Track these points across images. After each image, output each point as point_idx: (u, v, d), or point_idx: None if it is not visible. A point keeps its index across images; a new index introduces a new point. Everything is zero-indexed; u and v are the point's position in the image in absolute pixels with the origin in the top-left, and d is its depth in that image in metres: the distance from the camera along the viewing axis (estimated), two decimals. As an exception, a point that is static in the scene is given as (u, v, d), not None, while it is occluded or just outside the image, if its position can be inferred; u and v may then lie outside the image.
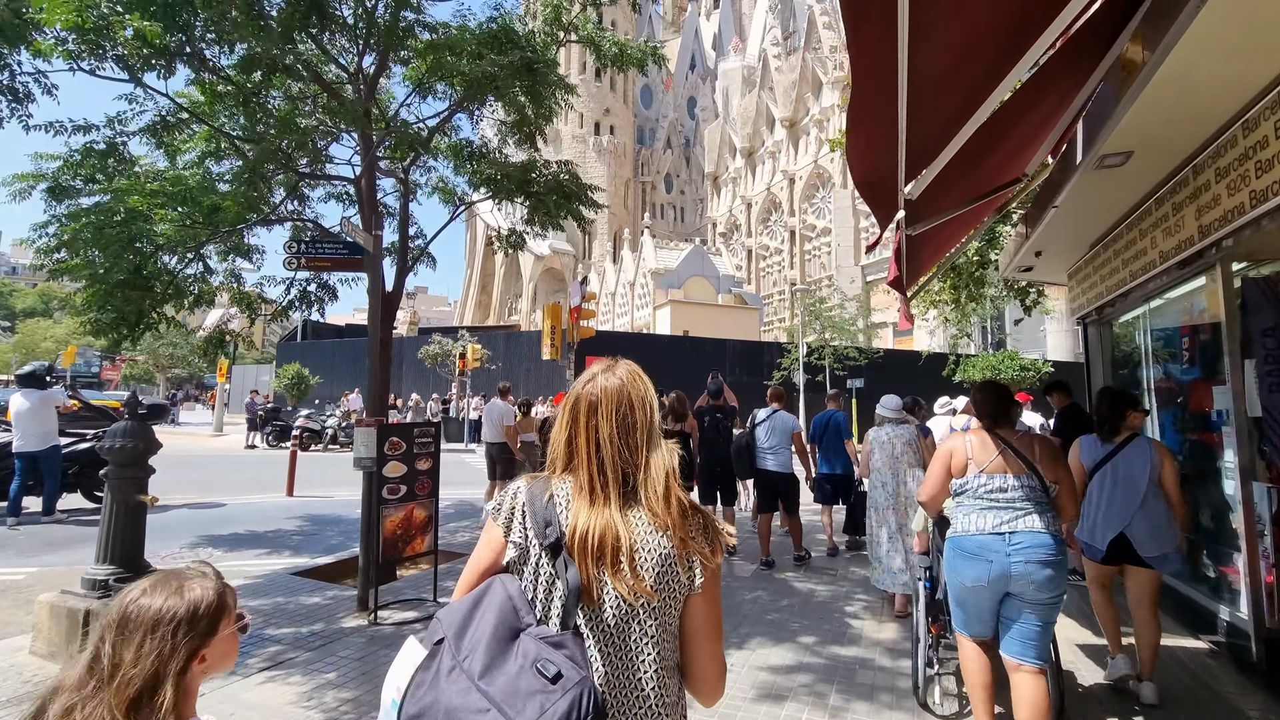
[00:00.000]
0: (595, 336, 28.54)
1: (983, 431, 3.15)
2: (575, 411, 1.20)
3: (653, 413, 1.21)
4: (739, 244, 61.18)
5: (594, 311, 9.15)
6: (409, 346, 26.51)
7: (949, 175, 3.23)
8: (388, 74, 7.94)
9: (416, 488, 5.18)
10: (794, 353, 24.93)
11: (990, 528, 2.90)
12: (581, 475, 1.16)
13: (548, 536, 1.11)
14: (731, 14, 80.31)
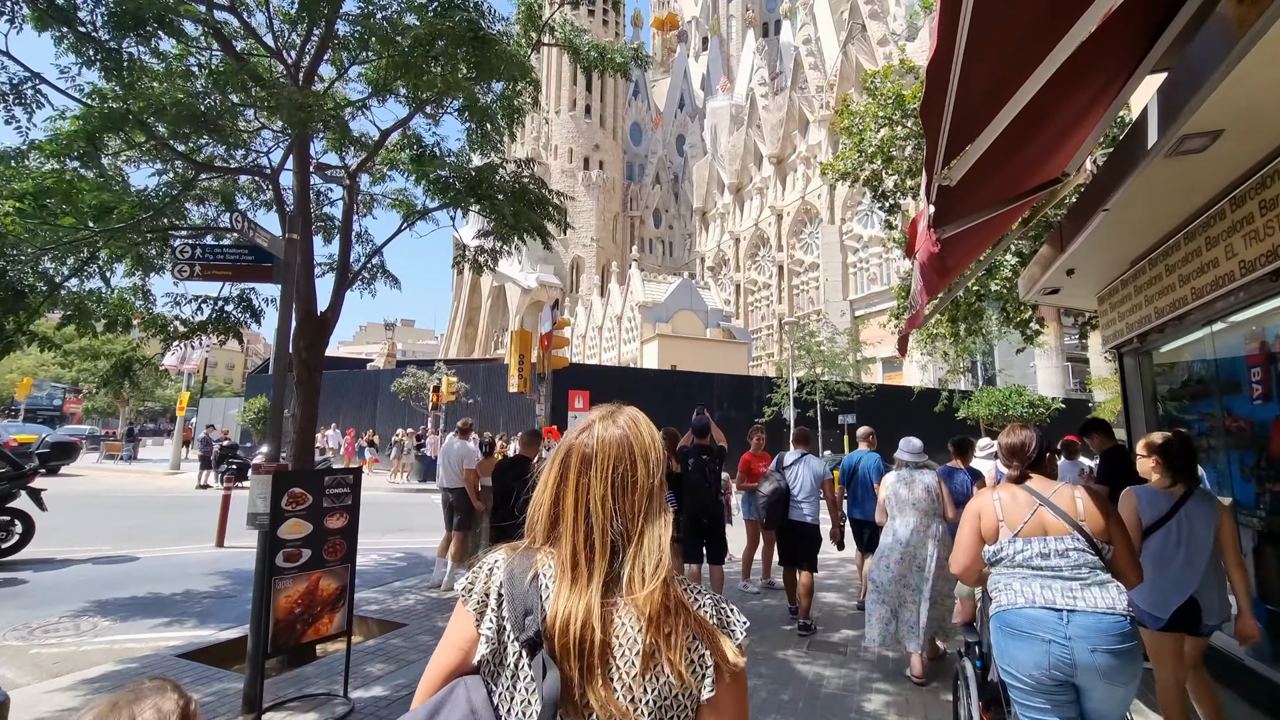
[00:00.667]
0: (577, 370, 27.58)
1: (1012, 485, 2.67)
2: (565, 466, 1.03)
3: (657, 472, 1.03)
4: (727, 278, 60.98)
5: (567, 340, 8.24)
6: (385, 379, 25.41)
7: (980, 169, 2.51)
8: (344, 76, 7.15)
9: (325, 551, 4.15)
10: (784, 387, 24.10)
11: (1042, 600, 2.40)
12: (565, 546, 0.99)
13: (526, 629, 0.93)
14: (719, 56, 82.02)
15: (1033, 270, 5.64)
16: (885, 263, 44.96)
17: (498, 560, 1.03)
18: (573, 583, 0.95)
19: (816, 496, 6.06)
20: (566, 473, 1.02)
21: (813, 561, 5.93)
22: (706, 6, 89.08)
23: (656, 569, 0.96)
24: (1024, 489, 2.60)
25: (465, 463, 6.82)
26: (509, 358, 8.13)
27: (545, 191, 6.70)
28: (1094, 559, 2.43)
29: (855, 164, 14.64)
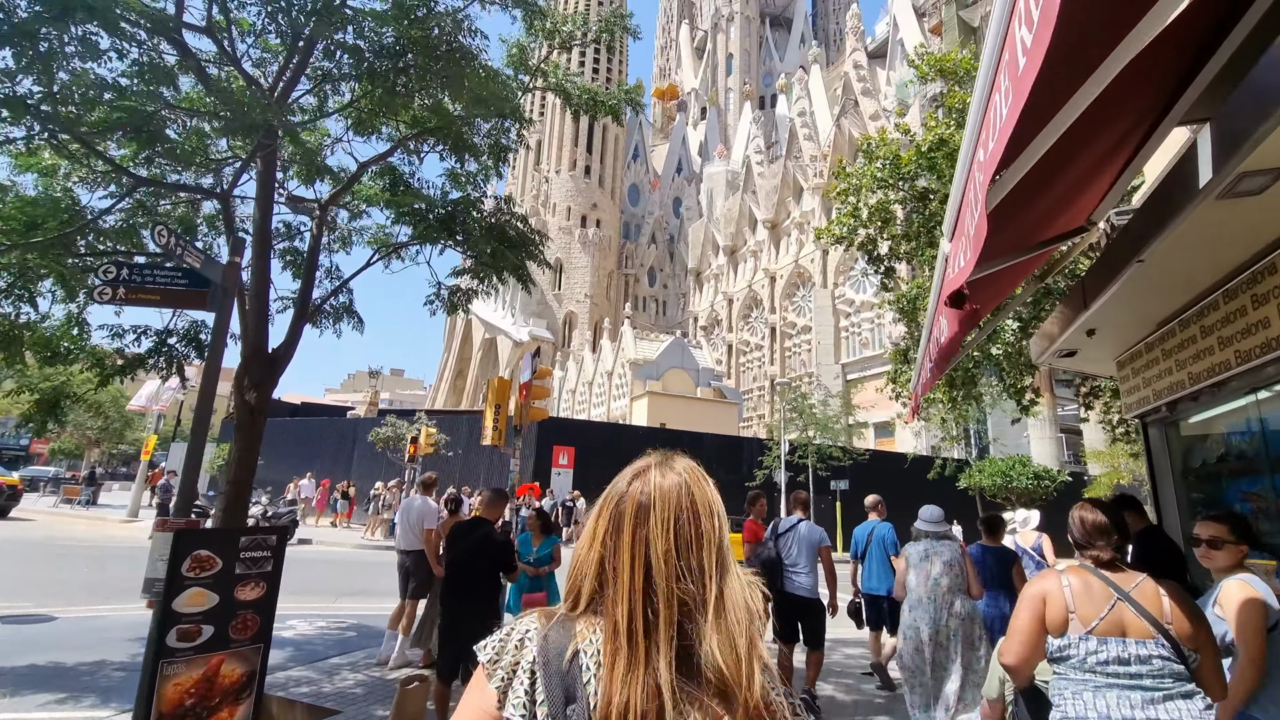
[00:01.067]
0: (563, 425, 26.89)
1: (1084, 571, 2.29)
2: (617, 518, 0.91)
3: (724, 526, 0.93)
4: (720, 338, 61.05)
5: (548, 391, 7.72)
6: (365, 428, 24.58)
7: (1001, 214, 2.14)
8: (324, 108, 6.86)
9: (232, 628, 3.48)
10: (775, 450, 23.44)
11: (1119, 715, 2.08)
12: (619, 611, 0.84)
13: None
14: (717, 125, 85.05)
15: (1049, 330, 5.23)
16: (877, 327, 45.13)
17: (529, 630, 0.89)
18: (630, 659, 0.81)
19: (813, 566, 5.48)
20: (620, 524, 0.91)
21: (818, 636, 5.38)
22: (706, 79, 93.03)
23: (749, 637, 0.84)
24: (1099, 577, 2.25)
25: (426, 522, 6.15)
26: (485, 408, 7.58)
27: (526, 230, 6.31)
28: (1179, 668, 2.11)
29: (850, 229, 14.55)
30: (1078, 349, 5.30)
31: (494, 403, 7.37)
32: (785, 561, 5.43)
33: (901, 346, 15.35)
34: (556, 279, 66.69)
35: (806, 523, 5.58)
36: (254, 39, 6.06)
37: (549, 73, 8.40)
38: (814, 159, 53.35)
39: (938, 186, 11.98)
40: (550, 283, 66.27)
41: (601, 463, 22.65)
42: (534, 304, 64.12)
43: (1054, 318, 5.09)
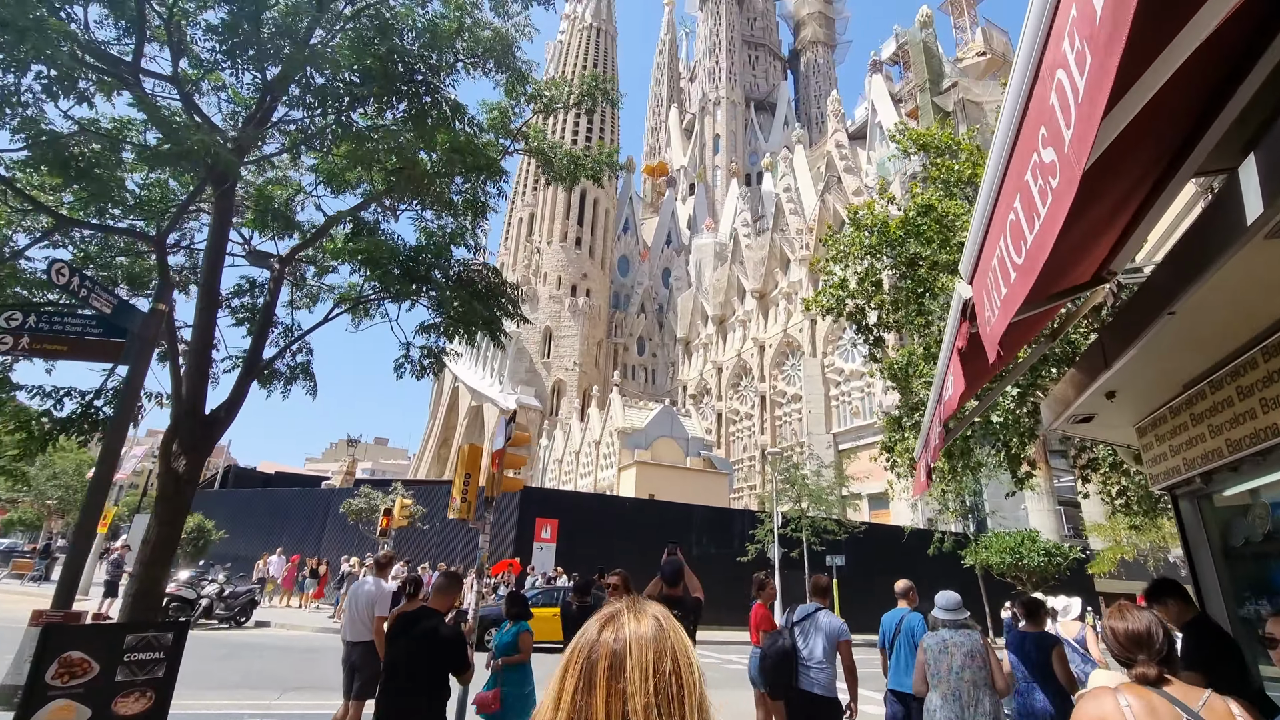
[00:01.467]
0: (548, 496, 25.89)
1: (1143, 689, 2.00)
2: (589, 672, 0.83)
3: (703, 678, 0.88)
4: (709, 407, 60.58)
5: (523, 459, 7.15)
6: (338, 500, 23.49)
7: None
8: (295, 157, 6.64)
9: (103, 753, 2.81)
10: (767, 523, 22.54)
11: None
12: None
13: None
14: (705, 200, 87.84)
15: (1062, 394, 4.82)
16: (867, 396, 44.94)
17: None
18: None
19: (832, 661, 4.87)
20: (593, 678, 0.82)
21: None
22: (694, 158, 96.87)
23: None
24: (1162, 696, 1.97)
25: (377, 608, 5.44)
26: (454, 477, 6.98)
27: (499, 283, 5.95)
28: None
29: (838, 299, 14.41)
30: (1095, 414, 4.89)
31: (464, 471, 6.78)
32: (801, 654, 4.82)
33: (894, 414, 14.94)
34: (545, 347, 66.72)
35: (826, 612, 4.97)
36: (225, 93, 5.88)
37: (530, 135, 8.33)
38: (800, 232, 54.72)
39: (928, 252, 11.91)
40: (539, 350, 66.26)
41: (587, 536, 21.47)
42: (522, 371, 63.77)
43: (1068, 380, 4.69)
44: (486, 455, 7.52)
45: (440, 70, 6.70)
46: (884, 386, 43.21)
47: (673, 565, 5.00)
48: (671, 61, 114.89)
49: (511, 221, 78.65)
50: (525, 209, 76.12)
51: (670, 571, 4.96)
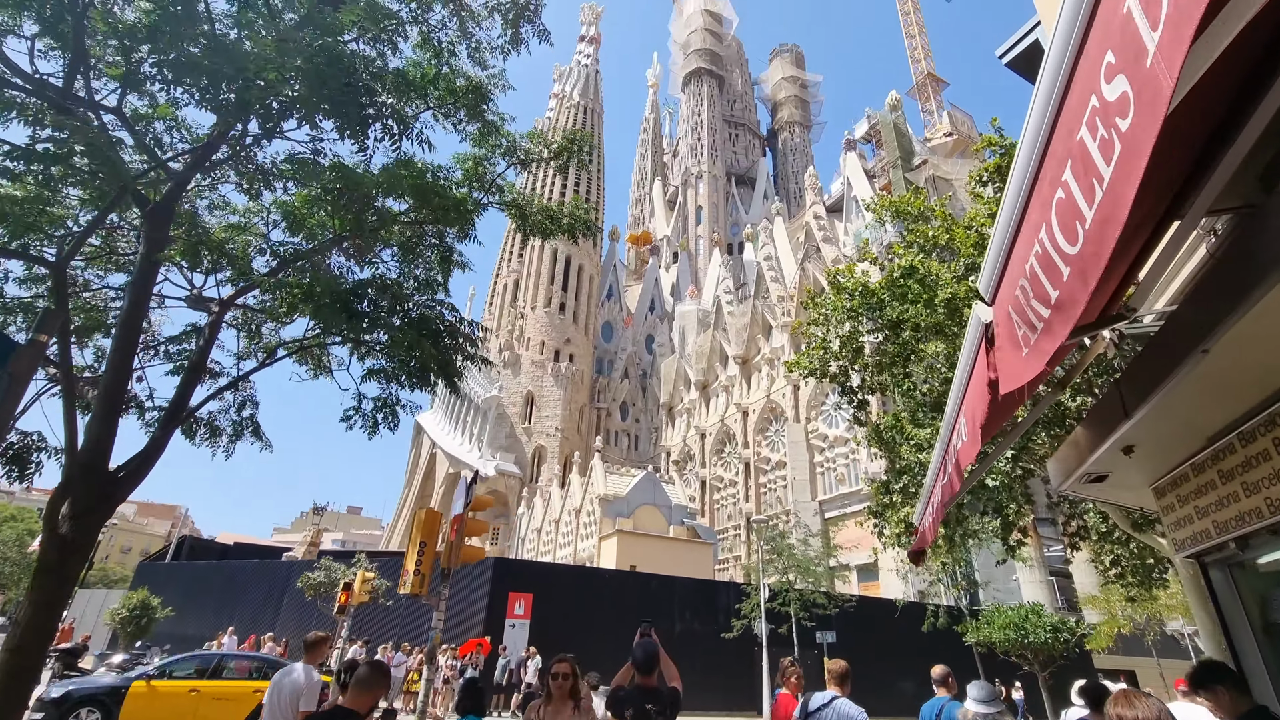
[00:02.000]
0: (524, 569, 24.54)
1: None
2: None
3: None
4: (693, 474, 59.46)
5: (485, 525, 6.51)
6: (298, 573, 22.04)
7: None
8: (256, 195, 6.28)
9: None
10: (754, 596, 21.44)
11: None
12: None
13: None
14: (688, 268, 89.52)
15: (1074, 449, 4.39)
16: (852, 463, 44.38)
17: None
18: None
19: None
20: None
21: None
22: (677, 228, 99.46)
23: None
24: None
25: (302, 701, 4.66)
26: (408, 546, 6.27)
27: (455, 319, 5.51)
28: None
29: (821, 360, 14.14)
30: (1109, 472, 4.46)
31: (419, 539, 6.09)
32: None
33: (883, 478, 14.40)
34: (527, 412, 65.78)
35: (845, 700, 4.38)
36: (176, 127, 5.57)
37: (505, 189, 8.12)
38: (781, 299, 55.54)
39: (911, 313, 11.75)
40: (520, 416, 65.25)
41: (564, 612, 20.16)
42: (502, 437, 62.50)
43: (1080, 435, 4.28)
44: (448, 522, 6.87)
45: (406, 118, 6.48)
46: (869, 453, 42.80)
47: (647, 650, 4.31)
48: (655, 138, 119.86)
49: (496, 287, 79.20)
50: (510, 275, 76.82)
51: (644, 657, 4.28)
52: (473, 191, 7.64)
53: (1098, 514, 12.68)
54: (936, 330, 11.51)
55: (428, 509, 6.53)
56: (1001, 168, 10.03)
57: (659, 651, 4.44)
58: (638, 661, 4.34)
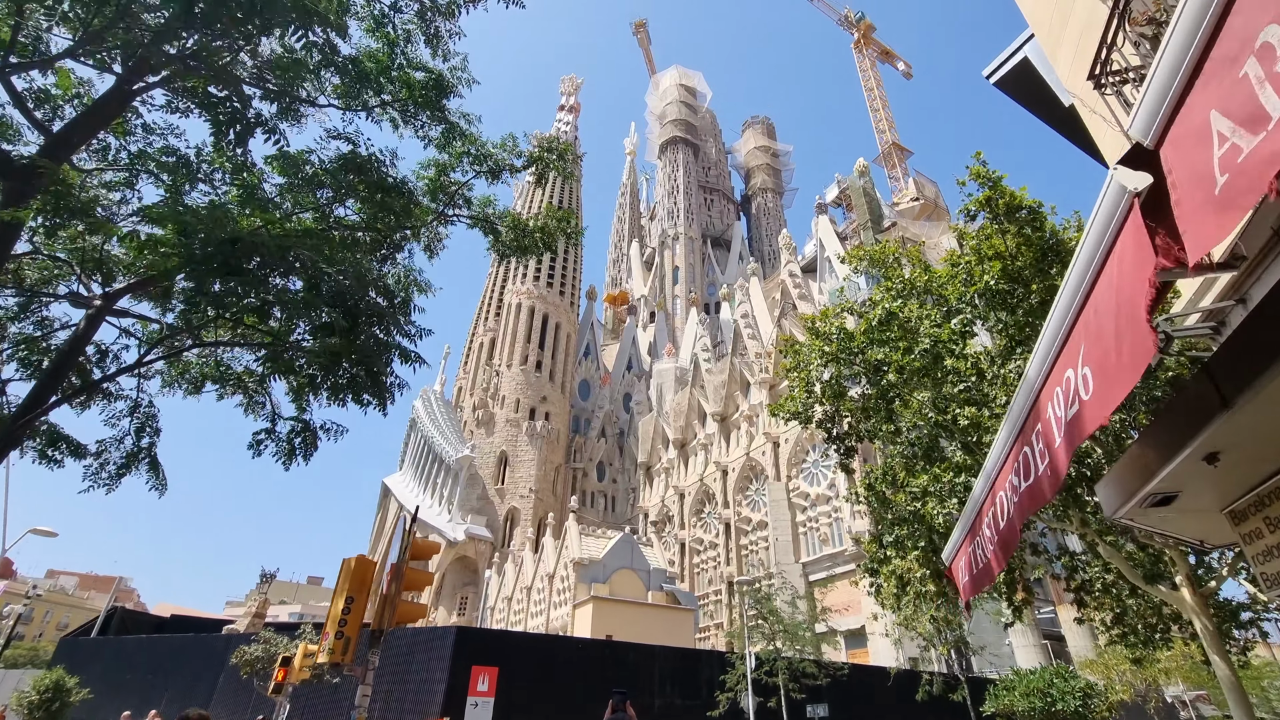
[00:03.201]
0: (491, 639, 22.61)
1: None
2: None
3: None
4: (671, 536, 57.42)
5: (428, 577, 5.47)
6: (236, 647, 19.92)
7: None
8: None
9: None
10: (739, 667, 19.87)
11: None
12: None
13: None
14: (665, 327, 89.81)
15: (1140, 463, 3.61)
16: (835, 522, 43.19)
17: None
18: None
19: None
20: None
21: None
22: (654, 288, 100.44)
23: None
24: None
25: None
26: (331, 605, 5.17)
27: (386, 306, 4.64)
28: None
29: (805, 404, 13.40)
30: (1180, 490, 3.69)
31: (345, 593, 5.00)
32: None
33: (875, 531, 13.45)
34: (500, 472, 63.64)
35: None
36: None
37: (472, 201, 7.44)
38: (759, 356, 55.44)
39: (895, 357, 11.17)
40: (493, 476, 63.06)
41: (534, 687, 18.35)
42: (474, 499, 60.10)
43: (1149, 440, 3.52)
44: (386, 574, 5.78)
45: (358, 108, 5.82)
46: (852, 511, 41.71)
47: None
48: (633, 202, 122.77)
49: (472, 346, 78.23)
50: (487, 333, 76.08)
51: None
52: (438, 203, 6.95)
53: (1101, 565, 11.85)
54: (922, 373, 10.93)
55: (358, 556, 5.42)
56: (991, 199, 9.71)
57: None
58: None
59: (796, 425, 52.12)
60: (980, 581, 3.58)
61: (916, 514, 11.09)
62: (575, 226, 8.53)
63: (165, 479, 5.04)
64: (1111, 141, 5.72)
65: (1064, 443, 2.35)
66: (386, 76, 5.83)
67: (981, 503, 3.43)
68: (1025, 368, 2.75)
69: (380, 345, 4.54)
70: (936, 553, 10.83)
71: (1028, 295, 9.66)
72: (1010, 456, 2.98)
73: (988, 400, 9.64)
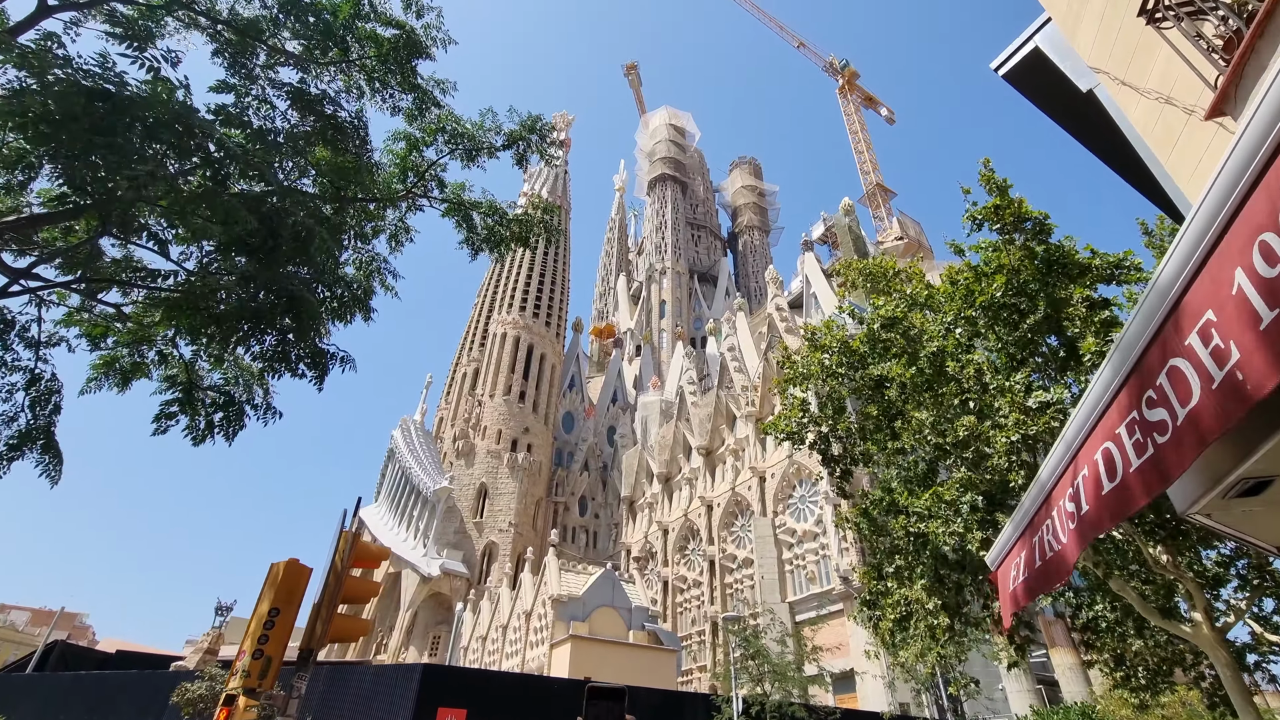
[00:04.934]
0: (460, 679, 21.19)
1: None
2: None
3: None
4: (654, 574, 55.77)
5: (374, 587, 4.65)
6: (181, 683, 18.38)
7: None
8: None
9: None
10: (726, 710, 18.68)
11: None
12: None
13: None
14: (651, 360, 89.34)
15: (1235, 434, 2.99)
16: (823, 560, 42.11)
17: None
18: None
19: None
20: None
21: None
22: (640, 321, 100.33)
23: None
24: None
25: None
26: (253, 615, 4.32)
27: (359, 293, 3.97)
28: None
29: (799, 424, 12.76)
30: (1277, 474, 3.08)
31: (269, 604, 4.16)
32: None
33: (874, 561, 12.74)
34: (479, 505, 61.84)
35: None
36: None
37: (446, 186, 6.84)
38: (745, 389, 54.94)
39: (897, 370, 10.63)
40: (472, 509, 61.23)
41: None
42: (450, 533, 58.14)
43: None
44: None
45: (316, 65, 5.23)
46: (839, 548, 40.71)
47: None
48: (621, 237, 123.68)
49: (455, 376, 77.02)
50: (470, 364, 75.02)
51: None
52: (407, 183, 6.35)
53: (1106, 603, 11.16)
54: (925, 387, 10.38)
55: (289, 560, 4.56)
56: (1000, 206, 9.34)
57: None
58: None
59: (783, 460, 51.29)
60: (1042, 579, 2.90)
61: (919, 537, 10.39)
62: (558, 224, 7.88)
63: (61, 465, 4.24)
64: (1145, 110, 5.20)
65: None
66: (351, 31, 5.27)
67: (1056, 480, 2.80)
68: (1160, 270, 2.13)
69: (308, 295, 3.86)
70: (943, 582, 10.08)
71: (1033, 309, 9.22)
72: (1118, 403, 2.35)
73: (992, 412, 9.06)
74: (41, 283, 3.93)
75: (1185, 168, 4.93)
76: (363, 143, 5.27)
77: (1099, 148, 7.91)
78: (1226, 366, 1.94)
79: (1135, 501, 2.37)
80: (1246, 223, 1.67)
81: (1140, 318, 2.23)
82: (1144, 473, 2.27)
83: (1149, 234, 10.83)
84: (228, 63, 5.08)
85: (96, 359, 5.35)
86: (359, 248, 6.34)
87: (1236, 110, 3.68)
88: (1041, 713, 15.72)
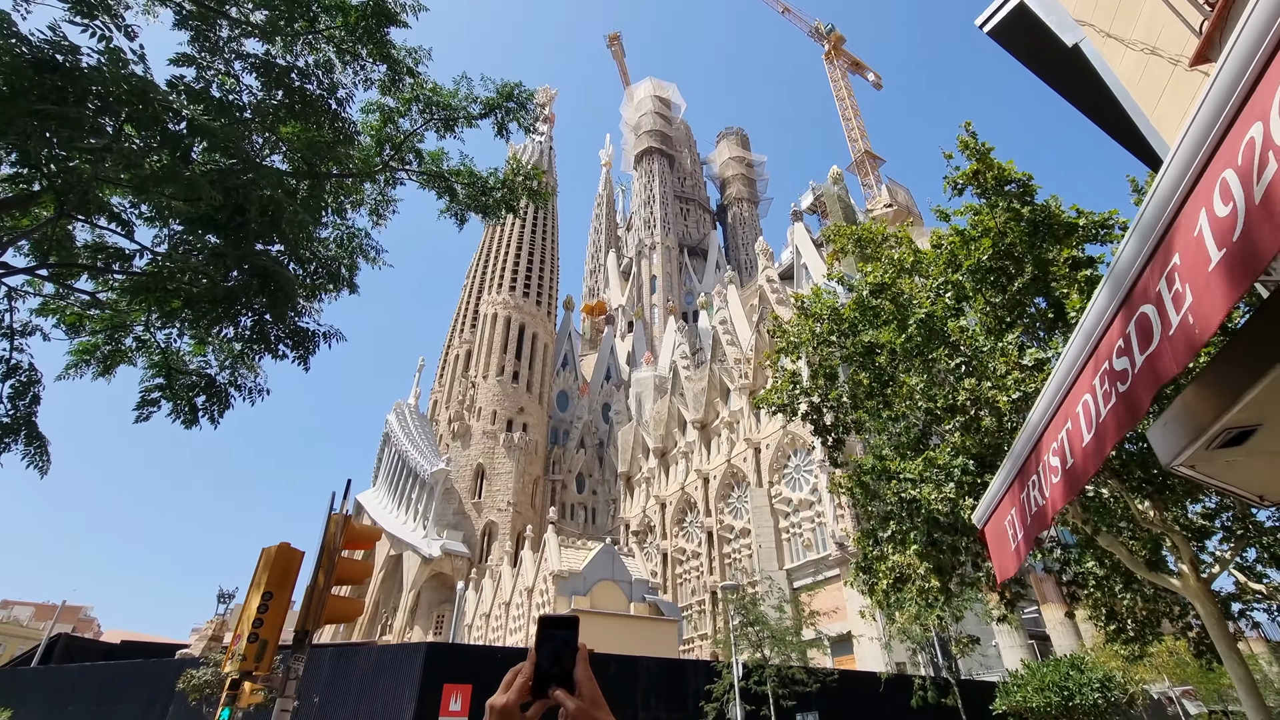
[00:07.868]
0: (464, 655, 21.49)
1: None
2: None
3: None
4: (654, 547, 56.47)
5: (367, 568, 4.67)
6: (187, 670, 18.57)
7: None
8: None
9: None
10: (726, 676, 19.07)
11: None
12: None
13: None
14: (644, 336, 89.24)
15: (1212, 389, 2.99)
16: (819, 527, 42.70)
17: None
18: None
19: None
20: None
21: None
22: (632, 297, 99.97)
23: None
24: None
25: None
26: (249, 594, 4.33)
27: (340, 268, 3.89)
28: None
29: (791, 395, 12.78)
30: (1261, 422, 3.09)
31: (263, 588, 4.17)
32: None
33: (869, 526, 12.89)
34: (477, 486, 62.15)
35: None
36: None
37: (423, 155, 6.67)
38: (738, 362, 55.07)
39: (886, 338, 10.62)
40: (470, 490, 61.55)
41: (505, 705, 17.27)
42: (450, 514, 58.51)
43: (1232, 352, 2.91)
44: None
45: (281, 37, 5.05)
46: (834, 514, 41.24)
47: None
48: (609, 213, 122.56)
49: (447, 359, 76.81)
50: (462, 345, 74.76)
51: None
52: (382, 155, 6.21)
53: (1095, 558, 11.36)
54: (915, 353, 10.39)
55: (281, 544, 4.55)
56: (979, 171, 9.23)
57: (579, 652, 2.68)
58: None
59: (778, 431, 51.64)
60: (1034, 529, 2.93)
61: (911, 503, 10.50)
62: (544, 187, 7.70)
63: (48, 455, 4.19)
64: (1131, 62, 5.12)
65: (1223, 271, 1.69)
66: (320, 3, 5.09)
67: (1044, 427, 2.81)
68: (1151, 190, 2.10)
69: (282, 271, 3.78)
70: (936, 545, 10.22)
71: (1020, 272, 9.19)
72: (1110, 332, 2.36)
73: (990, 374, 9.07)
74: (4, 269, 3.84)
75: (1171, 120, 4.87)
76: (337, 116, 5.13)
77: (1086, 105, 7.83)
78: (1182, 310, 1.94)
79: (1122, 425, 2.37)
80: (1220, 161, 1.64)
81: (1135, 238, 2.22)
82: (1116, 412, 2.28)
83: (1139, 191, 10.77)
84: (191, 35, 4.92)
85: (75, 345, 5.27)
86: (338, 224, 6.23)
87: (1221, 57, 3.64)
88: (1033, 666, 16.07)
